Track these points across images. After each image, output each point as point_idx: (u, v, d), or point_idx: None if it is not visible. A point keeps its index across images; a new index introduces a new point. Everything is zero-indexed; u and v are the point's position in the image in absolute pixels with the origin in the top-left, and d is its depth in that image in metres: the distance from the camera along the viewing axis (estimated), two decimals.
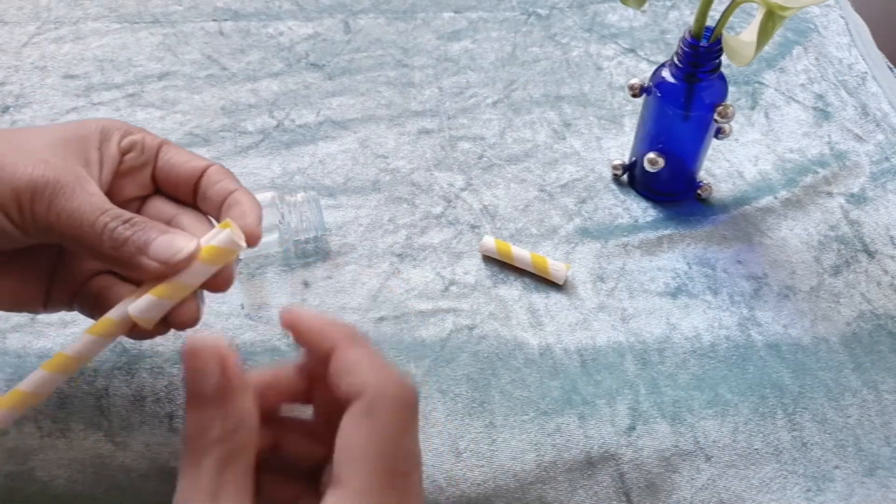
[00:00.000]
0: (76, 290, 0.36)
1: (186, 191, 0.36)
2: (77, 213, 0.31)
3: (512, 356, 0.44)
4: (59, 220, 0.31)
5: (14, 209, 0.31)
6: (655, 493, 0.40)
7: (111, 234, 0.31)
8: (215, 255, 0.32)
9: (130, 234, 0.32)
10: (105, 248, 0.31)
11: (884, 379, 0.44)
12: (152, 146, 0.36)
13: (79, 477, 0.40)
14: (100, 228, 0.31)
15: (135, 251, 0.31)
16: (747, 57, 0.40)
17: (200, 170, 0.36)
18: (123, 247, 0.31)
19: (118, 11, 0.62)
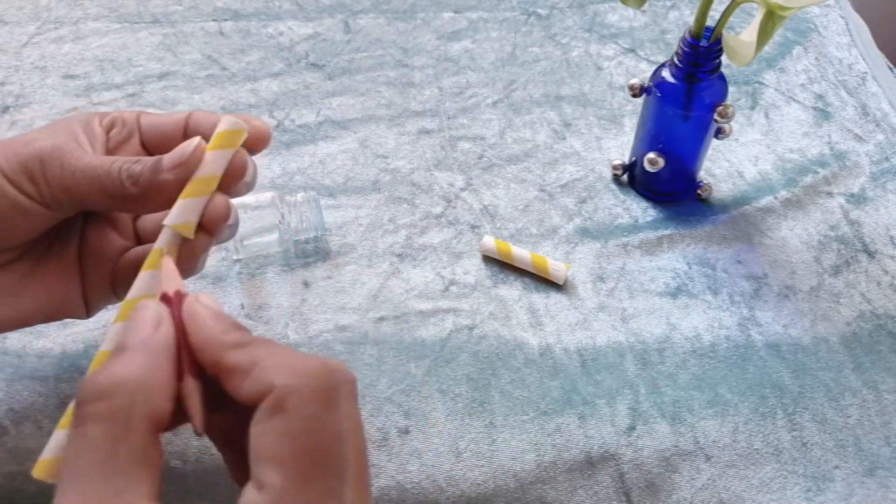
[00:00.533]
0: (112, 274, 0.36)
1: (177, 142, 0.35)
2: (90, 167, 0.32)
3: (512, 356, 0.44)
4: (75, 176, 0.32)
5: (27, 182, 0.32)
6: (655, 493, 0.40)
7: (128, 172, 0.32)
8: (223, 140, 0.33)
9: (143, 166, 0.32)
10: (126, 187, 0.32)
11: (884, 379, 0.44)
12: (131, 118, 0.36)
13: None
14: (116, 172, 0.32)
15: (151, 174, 0.32)
16: (747, 57, 0.40)
17: (184, 118, 0.36)
18: (141, 177, 0.32)
19: (118, 11, 0.62)
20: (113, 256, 0.36)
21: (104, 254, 0.36)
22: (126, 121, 0.36)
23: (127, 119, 0.36)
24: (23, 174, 0.32)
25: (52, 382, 0.41)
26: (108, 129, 0.36)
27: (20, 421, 0.40)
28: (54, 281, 0.35)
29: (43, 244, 0.35)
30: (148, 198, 0.32)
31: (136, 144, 0.37)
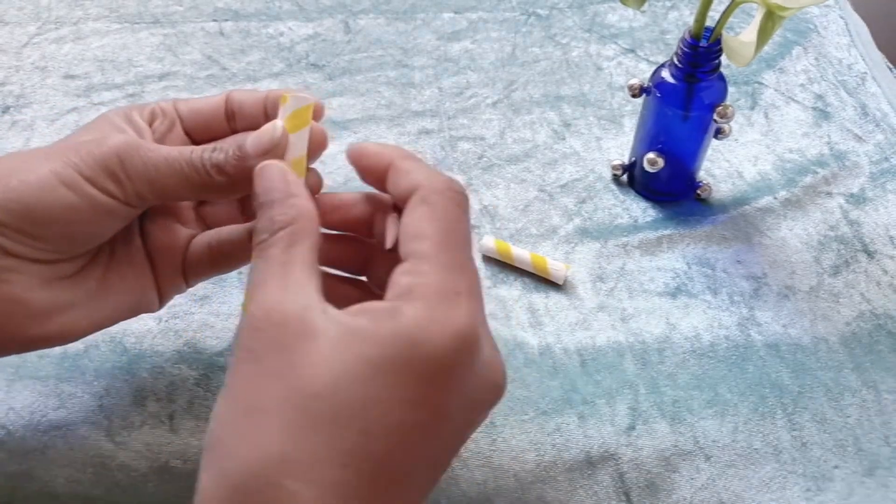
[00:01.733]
0: (182, 264, 0.37)
1: (220, 125, 0.37)
2: (171, 159, 0.32)
3: (512, 356, 0.44)
4: (158, 170, 0.32)
5: (109, 181, 0.31)
6: (655, 493, 0.40)
7: (212, 162, 0.32)
8: (299, 119, 0.33)
9: (226, 154, 0.32)
10: (213, 176, 0.32)
11: (883, 379, 0.44)
12: (168, 108, 0.36)
13: (79, 477, 0.40)
14: (199, 162, 0.32)
15: (238, 161, 0.32)
16: (747, 57, 0.40)
17: (222, 100, 0.36)
18: (227, 165, 0.32)
19: (118, 11, 0.63)
20: (181, 247, 0.36)
21: (172, 245, 0.36)
22: (165, 111, 0.36)
23: (166, 109, 0.36)
24: (104, 174, 0.31)
25: (52, 382, 0.42)
26: (149, 121, 0.36)
27: (20, 421, 0.40)
28: (132, 280, 0.35)
29: (108, 245, 0.35)
30: (235, 185, 0.33)
31: (180, 133, 0.37)
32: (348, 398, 0.25)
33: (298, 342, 0.26)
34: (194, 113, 0.37)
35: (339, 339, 0.26)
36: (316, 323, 0.27)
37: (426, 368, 0.26)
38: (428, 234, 0.29)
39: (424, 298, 0.27)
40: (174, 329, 0.44)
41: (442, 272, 0.28)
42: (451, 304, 0.27)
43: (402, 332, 0.26)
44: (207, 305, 0.45)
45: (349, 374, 0.26)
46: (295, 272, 0.28)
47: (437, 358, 0.26)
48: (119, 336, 0.44)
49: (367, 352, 0.26)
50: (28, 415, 0.40)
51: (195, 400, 0.41)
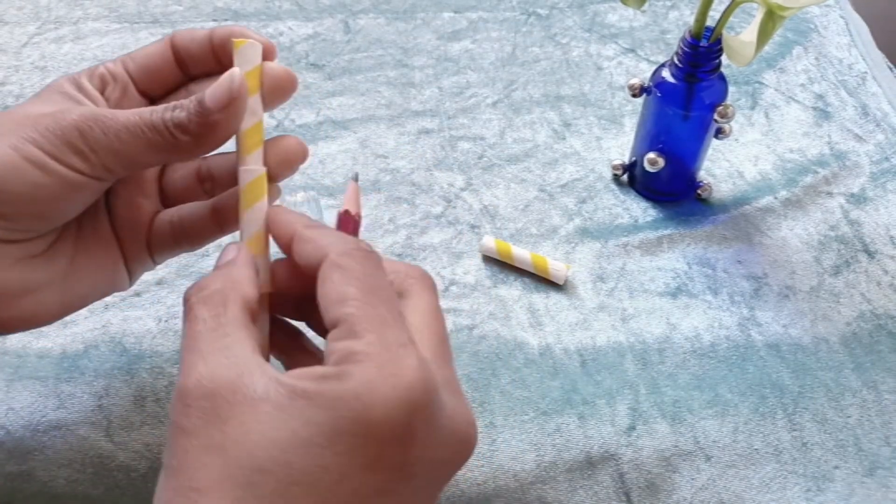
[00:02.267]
0: (147, 240, 0.36)
1: (173, 74, 0.35)
2: (130, 126, 0.31)
3: (512, 356, 0.44)
4: (121, 139, 0.30)
5: (74, 156, 0.30)
6: (655, 493, 0.40)
7: (174, 122, 0.31)
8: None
9: (187, 112, 0.31)
10: (177, 137, 0.31)
11: (884, 379, 0.44)
12: (118, 70, 0.35)
13: (79, 477, 0.40)
14: (160, 124, 0.31)
15: (200, 118, 0.31)
16: (747, 57, 0.40)
17: (168, 48, 0.35)
18: (190, 124, 0.31)
19: (118, 11, 0.62)
20: (146, 221, 0.36)
21: (137, 220, 0.35)
22: (115, 75, 0.35)
23: (115, 72, 0.35)
24: (67, 149, 0.30)
25: (52, 382, 0.41)
26: (101, 88, 0.34)
27: (20, 421, 0.40)
28: (101, 256, 0.35)
29: (75, 222, 0.34)
30: (201, 142, 0.31)
31: (135, 95, 0.35)
32: (299, 469, 0.24)
33: (235, 412, 0.24)
34: (144, 69, 0.35)
35: (282, 404, 0.24)
36: (253, 388, 0.25)
37: (380, 430, 0.24)
38: (351, 295, 0.27)
39: (368, 357, 0.25)
40: (174, 329, 0.44)
41: (379, 328, 0.26)
42: (397, 358, 0.25)
43: (351, 394, 0.24)
44: None
45: (297, 442, 0.24)
46: (227, 335, 0.27)
47: (391, 417, 0.24)
48: (119, 336, 0.44)
49: (314, 417, 0.24)
50: (28, 415, 0.40)
51: None
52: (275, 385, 0.25)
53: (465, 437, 0.28)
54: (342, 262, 0.28)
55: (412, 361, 0.26)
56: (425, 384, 0.25)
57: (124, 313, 0.45)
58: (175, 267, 0.47)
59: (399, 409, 0.25)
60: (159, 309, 0.45)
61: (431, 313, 0.30)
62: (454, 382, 0.29)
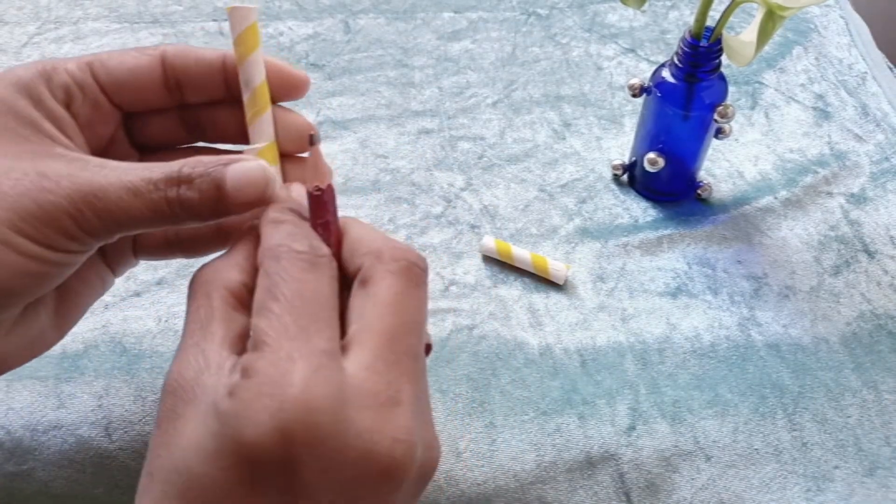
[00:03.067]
0: (133, 243, 0.34)
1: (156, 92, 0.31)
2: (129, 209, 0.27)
3: (512, 356, 0.44)
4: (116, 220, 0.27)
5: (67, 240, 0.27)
6: (655, 493, 0.40)
7: (180, 200, 0.28)
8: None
9: (196, 194, 0.28)
10: (179, 214, 0.28)
11: (884, 379, 0.44)
12: (84, 79, 0.30)
13: (79, 477, 0.40)
14: (163, 202, 0.28)
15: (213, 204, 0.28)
16: (747, 57, 0.40)
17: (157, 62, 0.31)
18: (200, 207, 0.28)
19: (118, 11, 0.62)
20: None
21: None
22: (82, 85, 0.30)
23: (82, 82, 0.30)
24: (56, 234, 0.27)
25: (52, 382, 0.41)
26: (65, 102, 0.30)
27: (20, 421, 0.40)
28: (91, 278, 0.33)
29: None
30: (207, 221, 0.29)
31: (107, 108, 0.31)
32: (197, 476, 0.24)
33: (185, 410, 0.25)
34: (121, 83, 0.30)
35: (203, 411, 0.24)
36: (201, 388, 0.25)
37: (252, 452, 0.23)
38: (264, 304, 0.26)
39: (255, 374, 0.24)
40: (174, 329, 0.44)
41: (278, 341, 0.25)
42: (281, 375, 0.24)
43: (232, 412, 0.24)
44: None
45: (199, 450, 0.24)
46: (203, 327, 0.27)
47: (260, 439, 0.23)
48: (119, 336, 0.44)
49: (213, 428, 0.24)
50: (28, 415, 0.40)
51: None
52: (213, 388, 0.25)
53: (390, 455, 0.24)
54: (266, 266, 0.27)
55: (298, 377, 0.24)
56: (308, 403, 0.23)
57: (124, 313, 0.45)
58: (175, 267, 0.47)
59: (269, 433, 0.23)
60: (159, 309, 0.45)
61: (388, 304, 0.26)
62: (391, 391, 0.25)
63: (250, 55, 0.31)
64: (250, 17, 0.30)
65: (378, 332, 0.26)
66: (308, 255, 0.27)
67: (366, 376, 0.25)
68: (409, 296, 0.27)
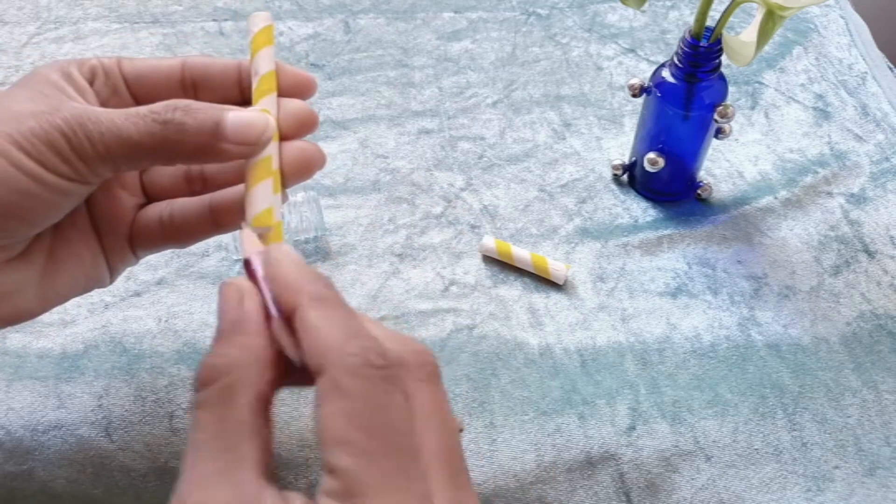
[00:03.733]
0: (129, 236, 0.34)
1: (172, 92, 0.33)
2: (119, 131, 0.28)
3: (512, 356, 0.44)
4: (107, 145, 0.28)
5: (59, 161, 0.28)
6: (655, 493, 0.40)
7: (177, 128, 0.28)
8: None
9: (195, 122, 0.29)
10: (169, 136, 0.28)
11: (884, 379, 0.44)
12: (112, 66, 0.32)
13: (79, 477, 0.40)
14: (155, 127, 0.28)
15: (209, 138, 0.29)
16: (747, 57, 0.40)
17: (177, 68, 0.32)
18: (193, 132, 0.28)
19: (118, 11, 0.62)
20: (128, 217, 0.34)
21: (118, 215, 0.34)
22: (107, 70, 0.32)
23: (108, 67, 0.32)
24: (52, 154, 0.28)
25: (52, 382, 0.41)
26: (90, 79, 0.32)
27: (20, 421, 0.40)
28: (81, 252, 0.33)
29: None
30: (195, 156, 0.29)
31: (126, 97, 0.33)
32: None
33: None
34: (143, 78, 0.32)
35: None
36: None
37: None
38: (351, 439, 0.23)
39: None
40: (174, 329, 0.44)
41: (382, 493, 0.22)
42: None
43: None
44: (207, 305, 0.45)
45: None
46: (229, 449, 0.23)
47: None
48: (119, 336, 0.44)
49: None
50: (28, 415, 0.40)
51: None
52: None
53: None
54: (343, 385, 0.23)
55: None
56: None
57: (124, 313, 0.45)
58: (175, 267, 0.47)
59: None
60: (159, 309, 0.45)
61: (437, 420, 0.25)
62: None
63: (262, 49, 0.32)
64: (266, 20, 0.33)
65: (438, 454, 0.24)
66: (386, 373, 0.24)
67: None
68: (445, 401, 0.26)
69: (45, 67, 0.31)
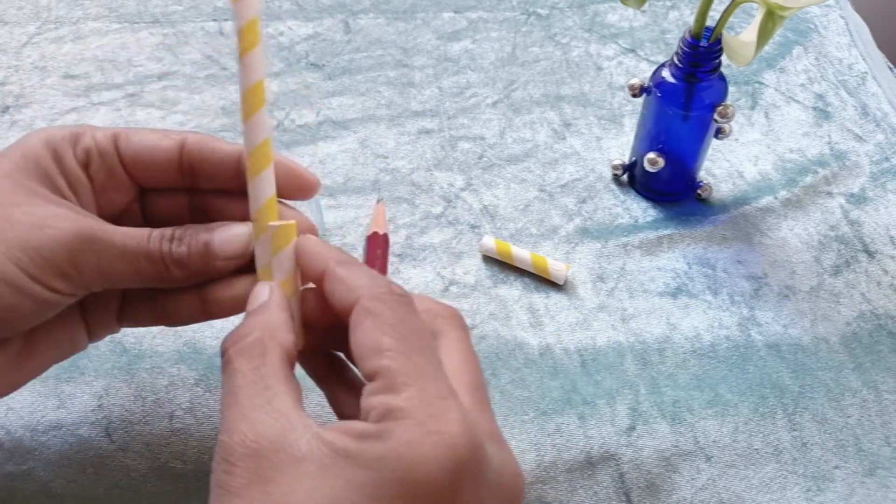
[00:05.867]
0: (118, 310, 0.34)
1: (170, 172, 0.33)
2: (126, 252, 0.29)
3: (512, 356, 0.44)
4: (112, 263, 0.29)
5: (58, 279, 0.29)
6: (655, 493, 0.40)
7: (172, 257, 0.30)
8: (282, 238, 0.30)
9: (189, 249, 0.30)
10: (171, 270, 0.30)
11: (884, 379, 0.44)
12: (106, 145, 0.32)
13: (79, 477, 0.40)
14: (157, 254, 0.30)
15: (202, 260, 0.30)
16: (747, 57, 0.40)
17: (176, 148, 0.32)
18: (190, 262, 0.30)
19: (118, 11, 0.62)
20: (116, 293, 0.34)
21: (110, 294, 0.33)
22: (103, 152, 0.32)
23: (103, 149, 0.32)
24: (50, 271, 0.28)
25: (52, 382, 0.41)
26: (83, 162, 0.32)
27: (20, 421, 0.40)
28: (61, 330, 0.32)
29: None
30: (192, 279, 0.31)
31: (122, 178, 0.33)
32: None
33: (279, 473, 0.24)
34: (139, 159, 0.32)
35: (325, 464, 0.24)
36: (296, 447, 0.24)
37: (424, 490, 0.24)
38: (386, 345, 0.26)
39: (409, 414, 0.24)
40: (174, 329, 0.44)
41: (418, 381, 0.25)
42: (440, 414, 0.25)
43: (393, 454, 0.24)
44: None
45: (332, 501, 0.23)
46: (268, 388, 0.26)
47: (434, 476, 0.24)
48: (119, 336, 0.44)
49: (356, 478, 0.23)
50: (27, 415, 0.40)
51: (195, 400, 0.41)
52: (318, 443, 0.24)
53: (512, 490, 0.26)
54: (374, 308, 0.27)
55: (455, 416, 0.25)
56: (470, 439, 0.25)
57: None
58: None
59: (443, 468, 0.24)
60: None
61: (466, 355, 0.29)
62: (496, 431, 0.27)
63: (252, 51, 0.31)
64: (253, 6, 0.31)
65: (467, 381, 0.28)
66: (407, 299, 0.28)
67: (477, 417, 0.26)
68: (472, 348, 0.29)
69: (34, 145, 0.30)
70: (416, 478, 0.24)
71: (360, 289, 0.27)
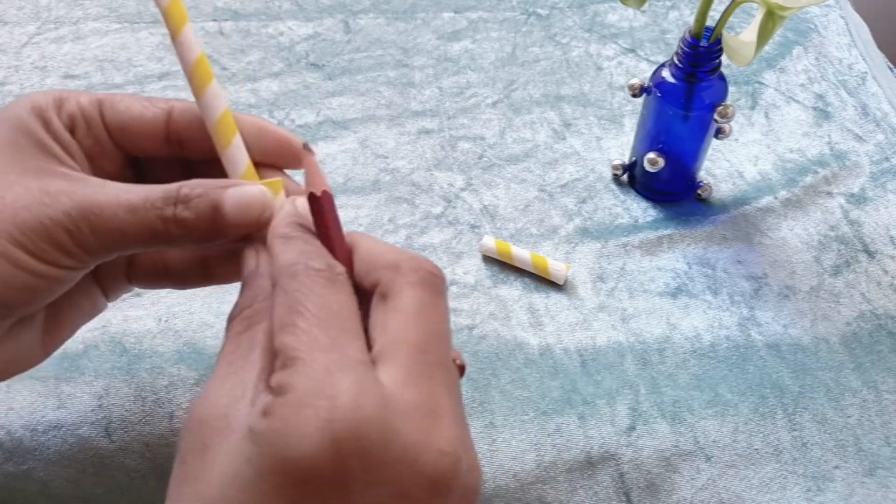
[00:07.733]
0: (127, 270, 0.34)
1: (157, 143, 0.32)
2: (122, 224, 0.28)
3: (512, 356, 0.44)
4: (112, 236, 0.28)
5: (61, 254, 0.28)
6: (655, 493, 0.40)
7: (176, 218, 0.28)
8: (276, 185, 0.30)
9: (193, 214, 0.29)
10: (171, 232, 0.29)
11: (884, 379, 0.44)
12: (91, 111, 0.31)
13: (79, 477, 0.40)
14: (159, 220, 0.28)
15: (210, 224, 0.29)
16: (747, 57, 0.40)
17: (163, 117, 0.31)
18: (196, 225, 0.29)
19: (118, 11, 0.62)
20: (124, 259, 0.34)
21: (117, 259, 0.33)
22: (88, 119, 0.31)
23: (88, 116, 0.31)
24: (51, 247, 0.28)
25: (52, 382, 0.41)
26: (69, 127, 0.31)
27: (19, 421, 0.40)
28: (82, 303, 0.33)
29: None
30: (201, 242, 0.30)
31: (109, 147, 0.32)
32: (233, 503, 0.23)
33: (214, 441, 0.24)
34: (125, 129, 0.31)
35: (240, 438, 0.23)
36: (234, 419, 0.24)
37: (299, 469, 0.22)
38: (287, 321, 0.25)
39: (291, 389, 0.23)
40: (174, 329, 0.44)
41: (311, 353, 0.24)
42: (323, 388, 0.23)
43: (271, 430, 0.23)
44: (207, 305, 0.45)
45: (237, 479, 0.23)
46: (236, 362, 0.26)
47: (309, 454, 0.22)
48: (119, 336, 0.44)
49: (249, 453, 0.23)
50: (27, 415, 0.40)
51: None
52: (246, 417, 0.24)
53: (436, 469, 0.24)
54: (284, 284, 0.26)
55: (344, 387, 0.23)
56: (358, 412, 0.23)
57: (124, 313, 0.45)
58: None
59: (319, 446, 0.22)
60: (159, 309, 0.45)
61: (412, 316, 0.26)
62: (431, 403, 0.24)
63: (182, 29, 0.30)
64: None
65: (407, 345, 0.25)
66: (326, 273, 0.26)
67: (402, 389, 0.24)
68: (433, 306, 0.26)
69: (19, 112, 0.30)
70: (291, 455, 0.22)
71: (280, 266, 0.27)
